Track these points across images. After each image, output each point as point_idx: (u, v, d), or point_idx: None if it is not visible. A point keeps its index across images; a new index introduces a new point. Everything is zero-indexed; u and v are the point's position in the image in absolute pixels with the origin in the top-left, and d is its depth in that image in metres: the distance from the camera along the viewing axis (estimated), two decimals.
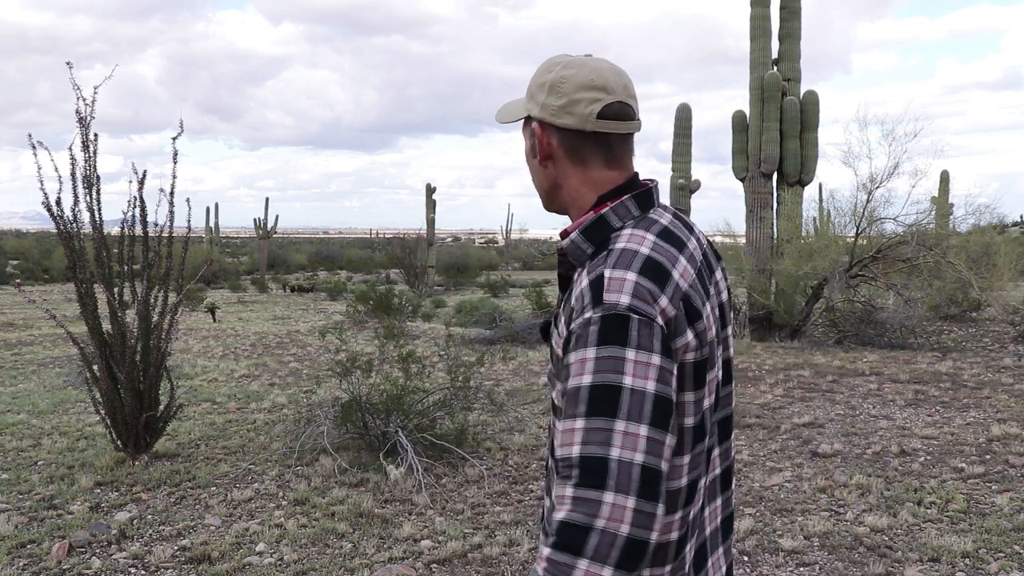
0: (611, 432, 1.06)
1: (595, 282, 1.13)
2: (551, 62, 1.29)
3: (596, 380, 1.08)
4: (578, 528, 1.04)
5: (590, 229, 1.23)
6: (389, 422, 5.35)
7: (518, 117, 1.33)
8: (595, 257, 1.20)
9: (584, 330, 1.11)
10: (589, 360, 1.09)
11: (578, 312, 1.13)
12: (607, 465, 1.05)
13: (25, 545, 4.00)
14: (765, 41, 12.65)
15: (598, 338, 1.09)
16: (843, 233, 11.48)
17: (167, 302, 5.35)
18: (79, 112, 5.03)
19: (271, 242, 41.23)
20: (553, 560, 1.05)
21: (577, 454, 1.07)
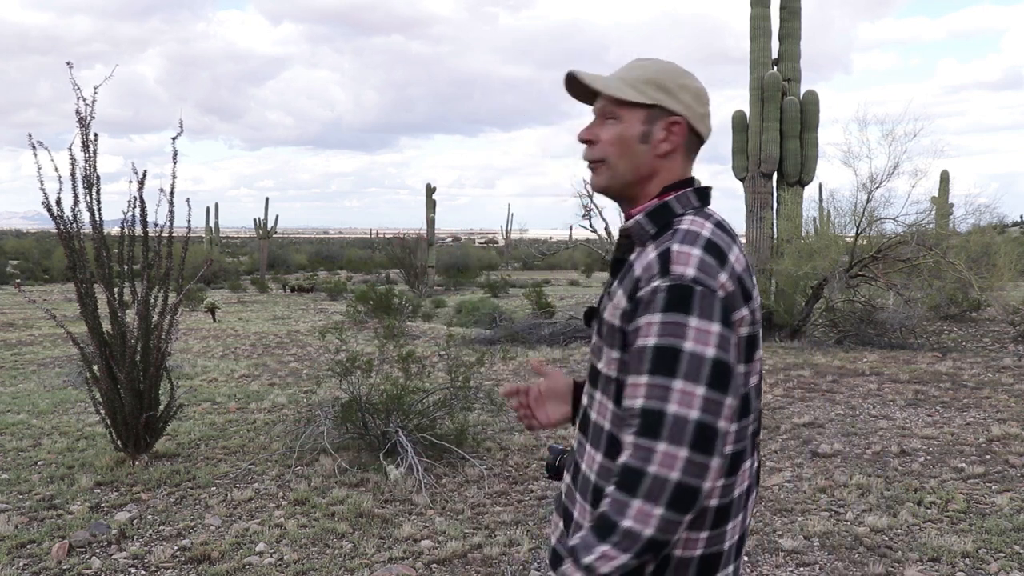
0: (669, 390, 1.21)
1: (663, 255, 1.28)
2: (679, 68, 1.42)
3: (659, 342, 1.22)
4: (633, 471, 1.21)
5: (654, 213, 1.37)
6: (389, 422, 5.35)
7: (639, 99, 1.38)
8: (657, 237, 1.33)
9: (652, 297, 1.25)
10: (655, 324, 1.23)
11: (645, 281, 1.27)
12: (663, 419, 1.20)
13: (25, 545, 4.00)
14: (765, 41, 12.65)
15: (664, 305, 1.23)
16: (843, 233, 11.48)
17: (167, 302, 5.35)
18: (79, 112, 5.03)
19: (271, 242, 41.24)
20: (614, 497, 1.22)
21: (639, 406, 1.23)
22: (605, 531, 1.22)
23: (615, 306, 1.33)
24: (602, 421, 1.37)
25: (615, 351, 1.33)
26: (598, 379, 1.39)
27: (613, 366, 1.34)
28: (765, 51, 12.62)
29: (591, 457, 1.39)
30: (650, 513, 1.19)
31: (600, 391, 1.38)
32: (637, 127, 1.39)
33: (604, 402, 1.37)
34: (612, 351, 1.34)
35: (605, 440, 1.36)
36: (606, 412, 1.37)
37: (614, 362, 1.34)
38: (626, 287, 1.31)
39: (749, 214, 12.49)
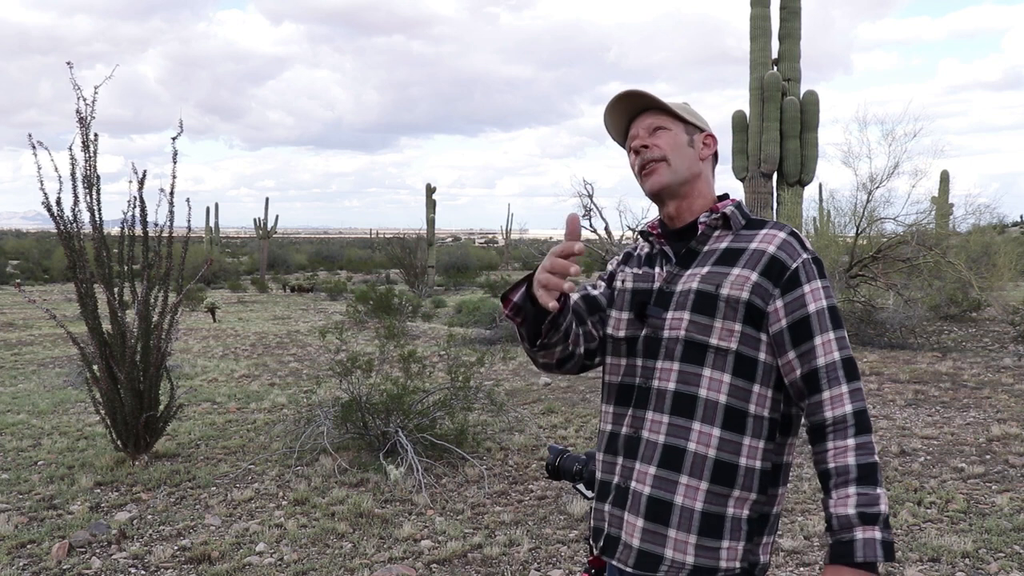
0: (846, 338, 1.49)
1: (794, 235, 1.53)
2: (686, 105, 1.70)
3: (829, 303, 1.49)
4: (863, 412, 1.43)
5: (739, 209, 1.62)
6: (389, 422, 5.35)
7: (690, 119, 1.65)
8: (750, 227, 1.58)
9: (809, 267, 1.50)
10: (820, 289, 1.49)
11: (791, 255, 1.50)
12: (854, 362, 1.47)
13: (25, 545, 4.00)
14: (765, 41, 12.65)
15: (818, 273, 1.50)
16: (843, 233, 11.48)
17: (167, 302, 5.35)
18: (79, 112, 5.03)
19: (271, 242, 41.22)
20: (861, 443, 1.41)
21: (839, 357, 1.46)
22: (873, 475, 1.38)
23: (739, 281, 1.49)
24: (716, 396, 1.47)
25: (736, 323, 1.48)
26: (705, 356, 1.49)
27: (733, 339, 1.48)
28: (765, 51, 12.62)
29: (704, 434, 1.47)
30: (874, 441, 1.43)
31: (710, 367, 1.48)
32: (683, 135, 1.63)
33: (717, 376, 1.48)
34: (733, 323, 1.48)
35: (722, 414, 1.47)
36: (720, 386, 1.47)
37: (734, 334, 1.48)
38: (751, 264, 1.50)
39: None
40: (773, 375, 1.49)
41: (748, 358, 1.48)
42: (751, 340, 1.48)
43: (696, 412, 1.47)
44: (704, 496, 1.45)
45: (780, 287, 1.48)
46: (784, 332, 1.47)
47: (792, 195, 12.22)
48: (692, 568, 1.45)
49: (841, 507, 1.37)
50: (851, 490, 1.37)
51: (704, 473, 1.45)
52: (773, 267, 1.49)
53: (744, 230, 1.57)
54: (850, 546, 1.35)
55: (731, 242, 1.56)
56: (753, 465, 1.47)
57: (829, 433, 1.42)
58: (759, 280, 1.48)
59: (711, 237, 1.58)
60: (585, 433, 6.16)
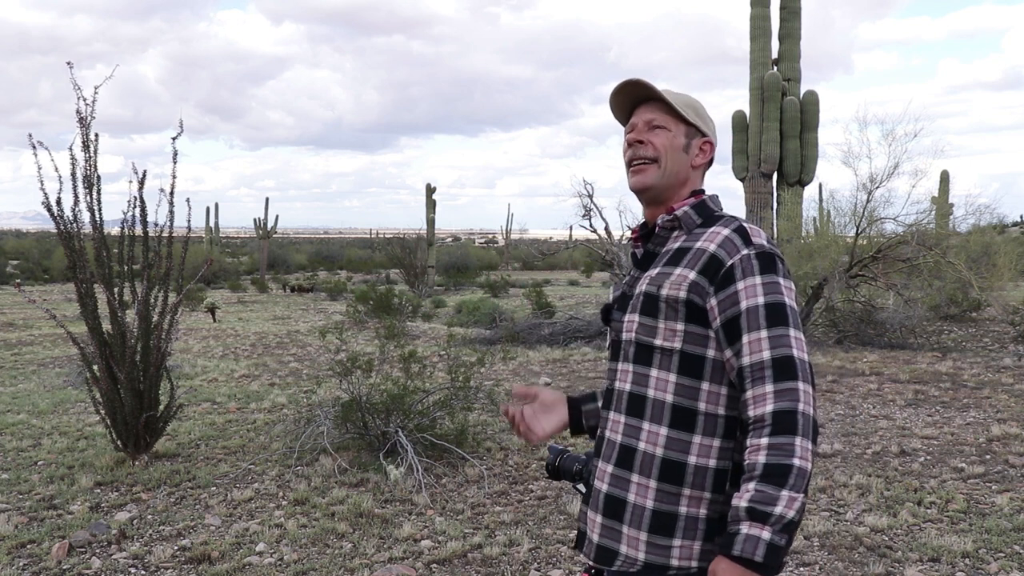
0: (788, 337, 1.40)
1: (739, 230, 1.48)
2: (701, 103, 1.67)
3: (768, 300, 1.42)
4: (789, 413, 1.36)
5: (698, 207, 1.58)
6: (389, 422, 5.35)
7: (692, 120, 1.61)
8: (704, 226, 1.53)
9: (747, 263, 1.44)
10: (758, 285, 1.43)
11: (729, 252, 1.46)
12: (794, 362, 1.39)
13: (25, 545, 4.00)
14: (765, 41, 12.66)
15: (759, 268, 1.44)
16: (843, 233, 11.47)
17: (167, 302, 5.35)
18: (79, 112, 5.03)
19: (271, 242, 41.22)
20: (775, 444, 1.34)
21: (768, 357, 1.39)
22: (780, 477, 1.32)
23: (677, 281, 1.48)
24: (663, 395, 1.48)
25: (678, 323, 1.47)
26: (651, 357, 1.50)
27: (676, 338, 1.47)
28: (765, 51, 12.62)
29: (652, 433, 1.48)
30: (807, 448, 1.35)
31: (656, 367, 1.49)
32: (681, 139, 1.60)
33: (664, 376, 1.48)
34: (675, 323, 1.48)
35: (669, 413, 1.47)
36: (667, 385, 1.48)
37: (677, 334, 1.47)
38: (692, 263, 1.48)
39: (749, 214, 12.49)
40: (725, 371, 1.48)
41: (694, 356, 1.47)
42: (697, 338, 1.47)
43: (645, 412, 1.50)
44: (654, 494, 1.47)
45: (715, 284, 1.46)
46: (720, 330, 1.46)
47: (792, 195, 12.22)
48: (643, 564, 1.47)
49: (736, 499, 1.36)
50: (750, 485, 1.35)
51: (652, 471, 1.47)
52: (711, 265, 1.46)
53: (699, 228, 1.55)
54: (732, 538, 1.34)
55: (683, 242, 1.55)
56: (705, 464, 1.46)
57: (749, 431, 1.39)
58: (696, 279, 1.47)
59: (668, 238, 1.58)
60: None
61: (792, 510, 1.32)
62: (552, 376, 8.72)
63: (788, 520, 1.32)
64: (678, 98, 1.62)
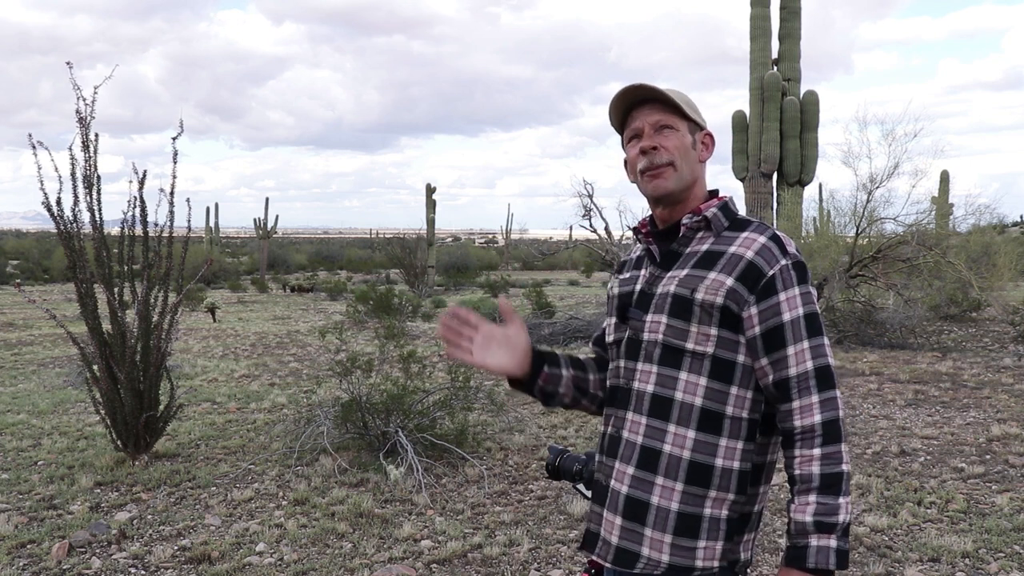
0: (823, 346, 1.46)
1: (775, 239, 1.50)
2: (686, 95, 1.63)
3: (807, 310, 1.46)
4: (834, 423, 1.42)
5: (724, 209, 1.57)
6: (389, 422, 5.35)
7: (696, 118, 1.60)
8: (733, 228, 1.54)
9: (787, 274, 1.47)
10: (797, 296, 1.46)
11: (768, 261, 1.47)
12: (831, 370, 1.45)
13: (25, 545, 4.00)
14: (765, 41, 12.66)
15: (797, 279, 1.47)
16: (843, 233, 11.48)
17: (167, 302, 5.35)
18: (79, 112, 5.03)
19: (271, 242, 41.21)
20: (827, 453, 1.40)
21: (811, 367, 1.44)
22: (837, 485, 1.39)
23: (714, 286, 1.47)
24: (692, 399, 1.48)
25: (712, 327, 1.47)
26: (681, 360, 1.49)
27: (710, 343, 1.47)
28: (765, 51, 12.62)
29: (680, 436, 1.48)
30: (845, 451, 1.42)
31: (686, 371, 1.48)
32: (688, 137, 1.58)
33: (693, 380, 1.48)
34: (708, 327, 1.47)
35: (698, 416, 1.47)
36: (696, 388, 1.48)
37: (710, 339, 1.47)
38: (728, 268, 1.48)
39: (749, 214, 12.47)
40: (753, 377, 1.49)
41: (725, 361, 1.48)
42: (729, 343, 1.48)
43: (672, 414, 1.49)
44: (680, 497, 1.47)
45: (756, 294, 1.46)
46: (758, 339, 1.46)
47: (792, 195, 12.22)
48: (668, 567, 1.47)
49: (800, 513, 1.39)
50: (811, 498, 1.39)
51: (679, 474, 1.47)
52: (750, 273, 1.46)
53: (727, 231, 1.54)
54: (804, 551, 1.38)
55: (712, 244, 1.53)
56: (731, 466, 1.47)
57: (797, 441, 1.42)
58: (734, 285, 1.46)
59: (693, 239, 1.56)
60: (585, 433, 6.16)
61: (849, 514, 1.40)
62: None
63: (847, 524, 1.39)
64: (676, 95, 1.59)
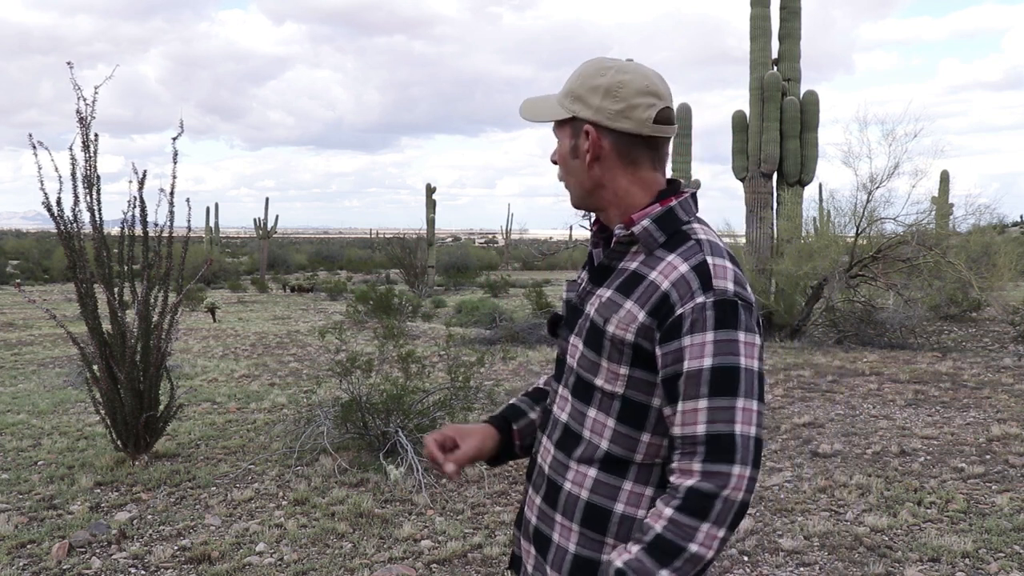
0: (733, 410, 1.18)
1: (699, 268, 1.23)
2: (599, 66, 1.32)
3: (716, 362, 1.18)
4: (706, 496, 1.17)
5: (662, 219, 1.30)
6: (389, 422, 5.35)
7: (557, 117, 1.35)
8: (669, 245, 1.28)
9: (700, 315, 1.20)
10: (708, 343, 1.19)
11: (683, 297, 1.22)
12: (734, 441, 1.18)
13: (25, 545, 4.00)
14: (765, 41, 12.66)
15: (714, 322, 1.19)
16: (843, 233, 11.48)
17: (167, 302, 5.35)
18: (79, 112, 5.03)
19: (271, 242, 41.21)
20: (677, 521, 1.18)
21: (703, 432, 1.19)
22: (667, 556, 1.18)
23: (626, 319, 1.26)
24: (597, 439, 1.31)
25: (622, 367, 1.27)
26: (591, 395, 1.32)
27: (619, 383, 1.28)
28: (765, 51, 12.62)
29: (580, 473, 1.33)
30: (715, 536, 1.18)
31: (595, 407, 1.31)
32: (567, 143, 1.36)
33: (601, 419, 1.31)
34: (619, 366, 1.28)
35: (601, 457, 1.31)
36: (603, 430, 1.31)
37: (620, 378, 1.28)
38: (643, 300, 1.25)
39: (749, 214, 12.49)
40: None
41: (638, 404, 1.28)
42: (642, 384, 1.27)
43: (576, 450, 1.34)
44: (577, 538, 1.32)
45: (661, 332, 1.23)
46: (661, 384, 1.25)
47: (792, 195, 12.23)
48: None
49: (613, 552, 1.25)
50: (633, 549, 1.21)
51: (575, 515, 1.32)
52: (661, 307, 1.23)
53: (660, 248, 1.29)
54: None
55: (640, 263, 1.30)
56: (633, 514, 1.29)
57: (664, 494, 1.23)
58: (646, 320, 1.24)
59: (627, 252, 1.33)
60: None
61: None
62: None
63: None
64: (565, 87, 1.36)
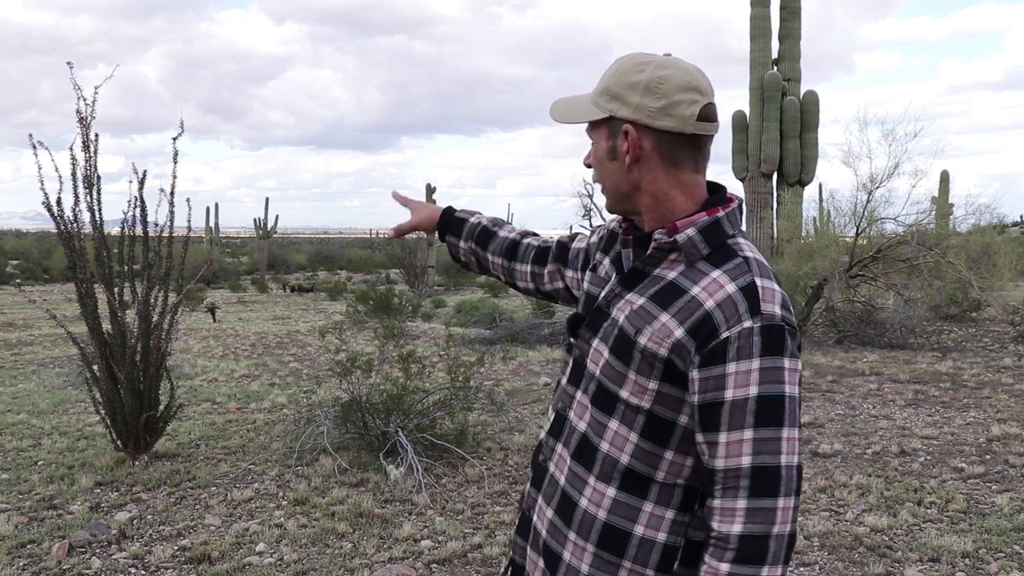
0: (780, 441, 1.14)
1: (748, 290, 1.16)
2: (637, 61, 1.25)
3: (763, 391, 1.13)
4: (759, 539, 1.14)
5: (708, 230, 1.23)
6: (389, 422, 5.35)
7: (592, 117, 1.29)
8: (712, 259, 1.21)
9: (747, 340, 1.14)
10: (754, 371, 1.13)
11: (729, 320, 1.15)
12: (779, 473, 1.14)
13: (25, 545, 4.00)
14: (765, 41, 12.67)
15: (761, 349, 1.14)
16: (843, 233, 11.48)
17: (167, 302, 5.35)
18: (80, 112, 5.02)
19: (271, 242, 41.20)
20: (735, 573, 1.14)
21: (748, 464, 1.14)
22: None
23: (661, 333, 1.19)
24: (617, 453, 1.25)
25: (651, 381, 1.21)
26: (614, 406, 1.26)
27: (647, 397, 1.22)
28: (765, 51, 12.63)
29: (598, 492, 1.26)
30: (774, 575, 1.16)
31: (618, 420, 1.25)
32: (604, 144, 1.29)
33: (623, 433, 1.24)
34: (647, 380, 1.22)
35: (621, 474, 1.25)
36: (625, 444, 1.24)
37: (648, 393, 1.22)
38: (682, 316, 1.18)
39: (749, 214, 12.50)
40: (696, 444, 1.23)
41: (663, 420, 1.22)
42: (670, 400, 1.21)
43: (594, 465, 1.27)
44: (591, 560, 1.26)
45: (701, 355, 1.16)
46: (696, 410, 1.19)
47: (792, 195, 12.23)
48: None
49: None
50: None
51: (591, 535, 1.25)
52: (703, 327, 1.16)
53: (703, 261, 1.21)
54: None
55: (680, 274, 1.22)
56: (653, 537, 1.23)
57: (709, 546, 1.18)
58: (683, 338, 1.17)
59: (664, 259, 1.25)
60: None
61: None
62: (552, 376, 8.72)
63: None
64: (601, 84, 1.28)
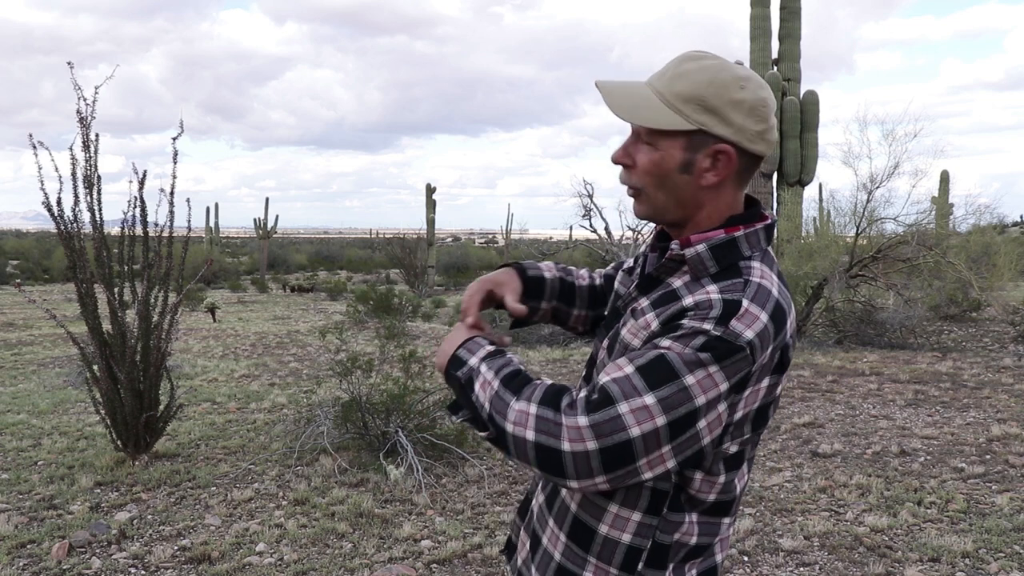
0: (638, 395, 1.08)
1: (731, 304, 1.11)
2: (734, 75, 1.16)
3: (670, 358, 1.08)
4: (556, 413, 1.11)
5: (720, 248, 1.18)
6: (389, 422, 5.35)
7: (677, 127, 1.16)
8: (718, 277, 1.16)
9: (694, 336, 1.09)
10: (681, 353, 1.09)
11: (696, 317, 1.11)
12: (611, 408, 1.08)
13: (25, 545, 4.00)
14: (765, 41, 12.68)
15: (701, 346, 1.08)
16: (843, 233, 11.49)
17: (167, 302, 5.35)
18: (80, 112, 5.02)
19: (271, 242, 41.20)
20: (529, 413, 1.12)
21: (601, 383, 1.11)
22: (504, 398, 1.14)
23: (641, 327, 1.19)
24: None
25: None
26: None
27: None
28: (765, 51, 12.64)
29: None
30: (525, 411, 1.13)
31: None
32: (677, 155, 1.17)
33: None
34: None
35: None
36: None
37: None
38: (663, 313, 1.16)
39: None
40: None
41: None
42: None
43: None
44: (563, 549, 1.28)
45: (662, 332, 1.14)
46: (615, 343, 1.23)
47: (792, 195, 12.24)
48: None
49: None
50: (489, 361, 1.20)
51: (564, 525, 1.28)
52: (673, 318, 1.14)
53: (708, 278, 1.17)
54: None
55: (683, 284, 1.19)
56: (617, 537, 1.21)
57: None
58: (656, 329, 1.15)
59: (677, 270, 1.22)
60: None
61: (480, 400, 1.16)
62: (552, 376, 8.72)
63: (471, 380, 1.18)
64: (684, 86, 1.15)
